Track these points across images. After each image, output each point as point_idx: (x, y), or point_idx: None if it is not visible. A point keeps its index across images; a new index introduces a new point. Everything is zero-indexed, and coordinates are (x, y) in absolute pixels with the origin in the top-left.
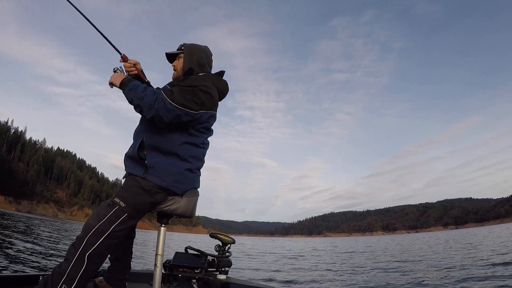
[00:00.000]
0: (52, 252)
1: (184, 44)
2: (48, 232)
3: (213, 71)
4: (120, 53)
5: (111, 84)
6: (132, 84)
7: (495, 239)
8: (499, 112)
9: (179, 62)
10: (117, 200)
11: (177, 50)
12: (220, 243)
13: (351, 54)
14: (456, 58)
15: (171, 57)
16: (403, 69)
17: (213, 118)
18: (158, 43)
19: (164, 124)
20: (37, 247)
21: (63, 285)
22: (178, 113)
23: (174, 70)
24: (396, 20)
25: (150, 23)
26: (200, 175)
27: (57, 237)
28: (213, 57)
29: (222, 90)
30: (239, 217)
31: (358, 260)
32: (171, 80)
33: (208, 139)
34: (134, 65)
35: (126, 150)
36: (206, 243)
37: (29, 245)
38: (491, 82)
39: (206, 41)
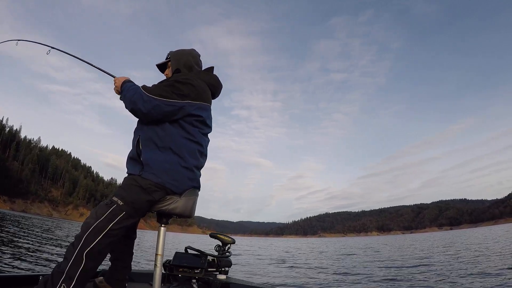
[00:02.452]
0: (50, 251)
1: (170, 52)
2: (42, 231)
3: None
4: (114, 76)
5: (117, 92)
6: (124, 86)
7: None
8: (494, 113)
9: (169, 70)
10: (115, 199)
11: (165, 59)
12: (220, 243)
13: (348, 54)
14: (453, 59)
15: (162, 68)
16: (400, 69)
17: (202, 110)
18: (156, 41)
19: (144, 116)
20: (33, 247)
21: (62, 284)
22: (156, 103)
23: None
24: (394, 21)
25: (148, 21)
26: (199, 174)
27: (52, 236)
28: (209, 57)
29: (212, 83)
30: (234, 217)
31: (349, 262)
32: None
33: (207, 137)
34: None
35: (122, 149)
36: (204, 243)
37: (26, 245)
38: (487, 84)
39: (203, 39)
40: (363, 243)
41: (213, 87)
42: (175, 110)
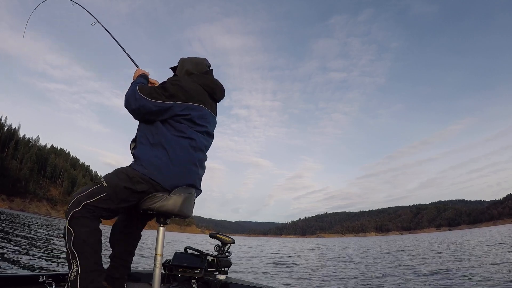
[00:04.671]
0: (50, 251)
1: (181, 58)
2: (41, 230)
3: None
4: (137, 67)
5: None
6: (133, 81)
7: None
8: (492, 114)
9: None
10: (102, 179)
11: (177, 63)
12: (220, 243)
13: (348, 54)
14: (451, 59)
15: (174, 70)
16: (399, 69)
17: (191, 109)
18: (154, 40)
19: (133, 112)
20: (32, 246)
21: (74, 265)
22: (144, 103)
23: None
24: (393, 20)
25: (146, 20)
26: (196, 171)
27: (51, 236)
28: (208, 56)
29: (208, 85)
30: (232, 217)
31: (348, 262)
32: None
33: (203, 135)
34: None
35: (121, 148)
36: (203, 243)
37: (25, 245)
38: (485, 84)
39: (202, 38)
40: (362, 244)
41: (210, 89)
42: (162, 110)
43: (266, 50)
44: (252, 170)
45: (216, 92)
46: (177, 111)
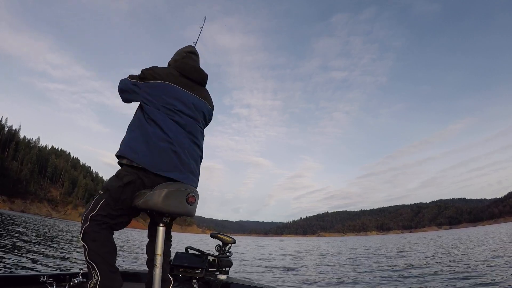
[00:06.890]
0: (50, 251)
1: None
2: (42, 231)
3: (207, 65)
4: None
5: None
6: None
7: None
8: (493, 113)
9: None
10: (100, 190)
11: None
12: (221, 243)
13: (349, 53)
14: (450, 60)
15: None
16: (401, 68)
17: (157, 88)
18: (155, 39)
19: (119, 91)
20: (33, 246)
21: (94, 275)
22: (125, 81)
23: None
24: (395, 19)
25: (147, 18)
26: (173, 151)
27: (52, 236)
28: (209, 54)
29: (179, 66)
30: (233, 217)
31: (348, 262)
32: None
33: (177, 114)
34: None
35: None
36: (204, 243)
37: (25, 245)
38: (485, 84)
39: (203, 37)
40: (363, 243)
41: (182, 70)
42: (136, 87)
43: (266, 49)
44: (253, 170)
45: (191, 72)
46: (148, 90)
